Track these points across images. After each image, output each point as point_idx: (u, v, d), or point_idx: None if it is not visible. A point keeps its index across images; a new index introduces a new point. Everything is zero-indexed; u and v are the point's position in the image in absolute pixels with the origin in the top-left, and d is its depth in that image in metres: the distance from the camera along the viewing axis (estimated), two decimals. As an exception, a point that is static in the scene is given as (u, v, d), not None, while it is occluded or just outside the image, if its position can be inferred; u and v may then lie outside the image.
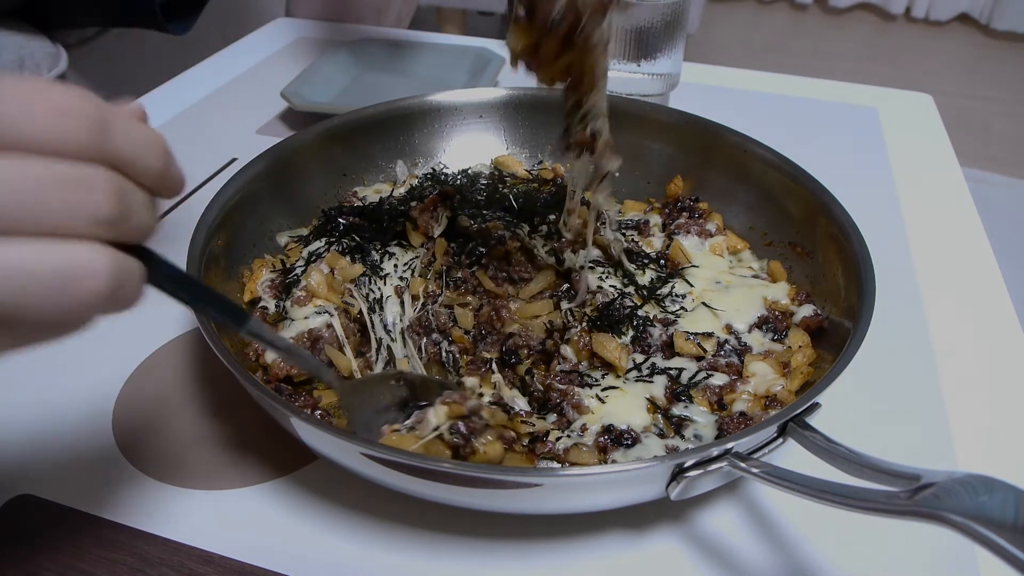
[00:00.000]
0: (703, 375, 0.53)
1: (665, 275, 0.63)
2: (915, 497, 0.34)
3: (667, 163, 0.74)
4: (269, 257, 0.65)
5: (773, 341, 0.57)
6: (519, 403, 0.54)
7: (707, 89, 1.04)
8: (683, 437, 0.50)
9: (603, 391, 0.53)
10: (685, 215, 0.70)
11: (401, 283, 0.62)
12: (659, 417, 0.51)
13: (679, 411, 0.52)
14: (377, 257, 0.64)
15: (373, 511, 0.50)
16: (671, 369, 0.54)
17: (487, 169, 0.77)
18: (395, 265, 0.63)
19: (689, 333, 0.56)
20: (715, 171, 0.71)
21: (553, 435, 0.51)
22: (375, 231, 0.66)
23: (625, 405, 0.52)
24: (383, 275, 0.62)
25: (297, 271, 0.61)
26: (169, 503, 0.50)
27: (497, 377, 0.56)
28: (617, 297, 0.59)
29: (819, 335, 0.57)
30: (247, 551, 0.47)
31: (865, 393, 0.58)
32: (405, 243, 0.65)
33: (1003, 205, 2.25)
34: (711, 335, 0.57)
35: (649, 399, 0.52)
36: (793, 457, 0.46)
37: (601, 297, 0.59)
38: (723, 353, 0.56)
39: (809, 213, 0.63)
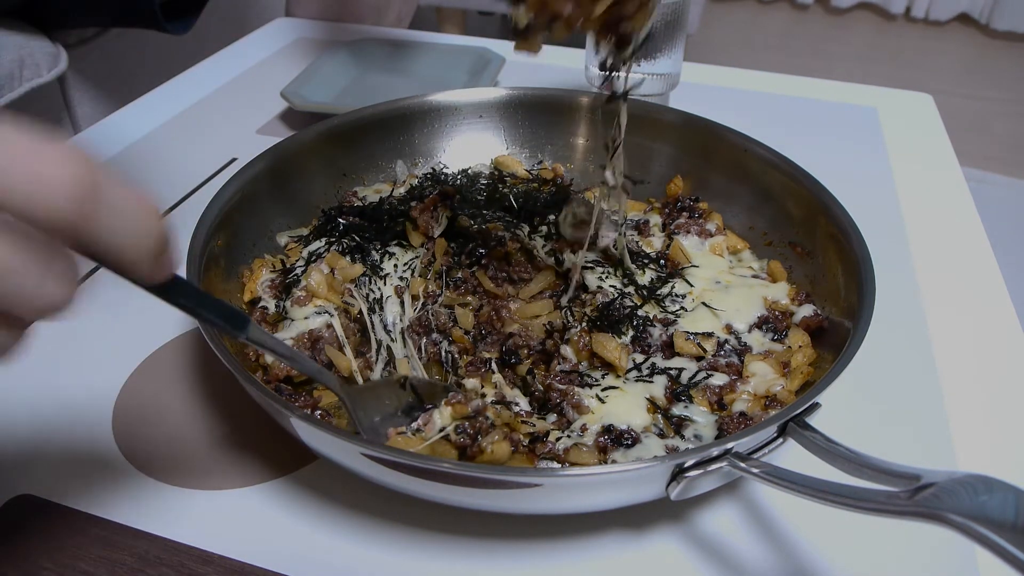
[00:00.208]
0: (703, 375, 0.53)
1: (665, 275, 0.63)
2: (915, 497, 0.34)
3: (667, 163, 0.74)
4: (269, 257, 0.65)
5: (773, 341, 0.57)
6: (520, 403, 0.54)
7: (707, 89, 1.04)
8: (683, 437, 0.50)
9: (603, 391, 0.53)
10: (685, 215, 0.70)
11: (401, 283, 0.62)
12: (659, 417, 0.51)
13: (679, 411, 0.52)
14: (377, 257, 0.64)
15: (373, 511, 0.50)
16: (671, 369, 0.54)
17: (487, 169, 0.77)
18: (395, 265, 0.63)
19: (689, 333, 0.56)
20: (715, 171, 0.71)
21: (553, 435, 0.51)
22: (375, 231, 0.66)
23: (625, 405, 0.52)
24: (383, 275, 0.62)
25: (297, 271, 0.61)
26: (169, 503, 0.50)
27: (498, 377, 0.56)
28: (617, 297, 0.59)
29: (819, 335, 0.57)
30: (247, 551, 0.47)
31: (865, 393, 0.58)
32: (405, 243, 0.65)
33: (1003, 205, 2.25)
34: (711, 335, 0.57)
35: (649, 399, 0.52)
36: (793, 457, 0.46)
37: (601, 297, 0.59)
38: (723, 353, 0.56)
39: (809, 213, 0.63)
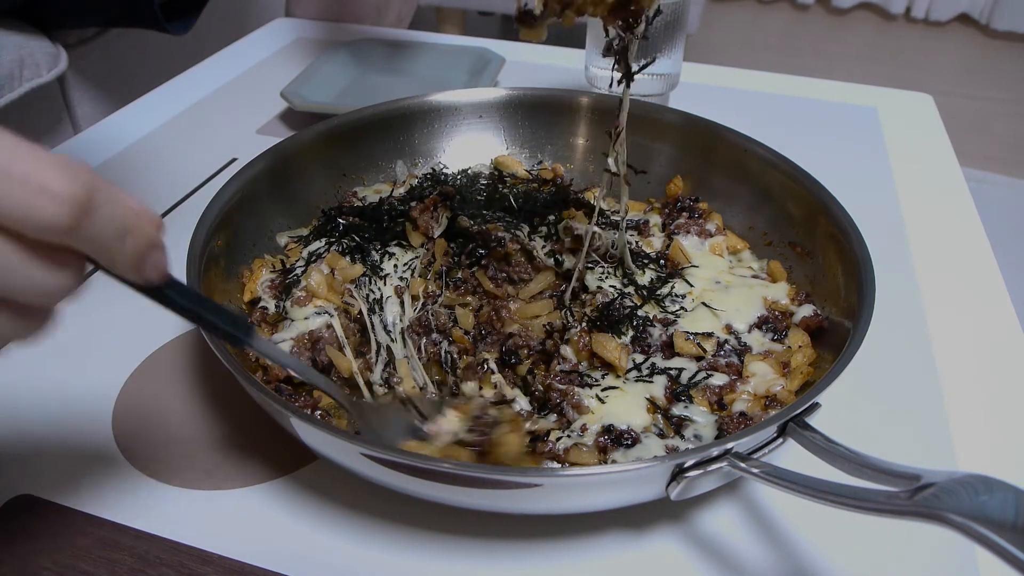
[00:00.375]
0: (703, 375, 0.53)
1: (665, 275, 0.63)
2: (915, 497, 0.34)
3: (667, 163, 0.74)
4: (269, 257, 0.65)
5: (773, 341, 0.57)
6: (520, 402, 0.54)
7: (707, 89, 1.04)
8: (683, 437, 0.50)
9: (603, 391, 0.53)
10: (685, 215, 0.70)
11: (401, 283, 0.62)
12: (659, 417, 0.51)
13: (679, 411, 0.52)
14: (377, 257, 0.64)
15: (373, 511, 0.50)
16: (671, 369, 0.54)
17: (487, 169, 0.77)
18: (395, 265, 0.63)
19: (689, 333, 0.56)
20: (715, 171, 0.71)
21: (553, 435, 0.51)
22: (375, 231, 0.66)
23: (625, 405, 0.52)
24: (383, 275, 0.62)
25: (297, 271, 0.61)
26: (169, 503, 0.50)
27: (497, 377, 0.56)
28: (617, 297, 0.59)
29: (819, 335, 0.57)
30: (247, 551, 0.47)
31: (865, 393, 0.58)
32: (405, 243, 0.65)
33: (1003, 205, 2.25)
34: (711, 335, 0.57)
35: (649, 399, 0.52)
36: (793, 457, 0.46)
37: (601, 297, 0.59)
38: (723, 353, 0.56)
39: (809, 213, 0.63)
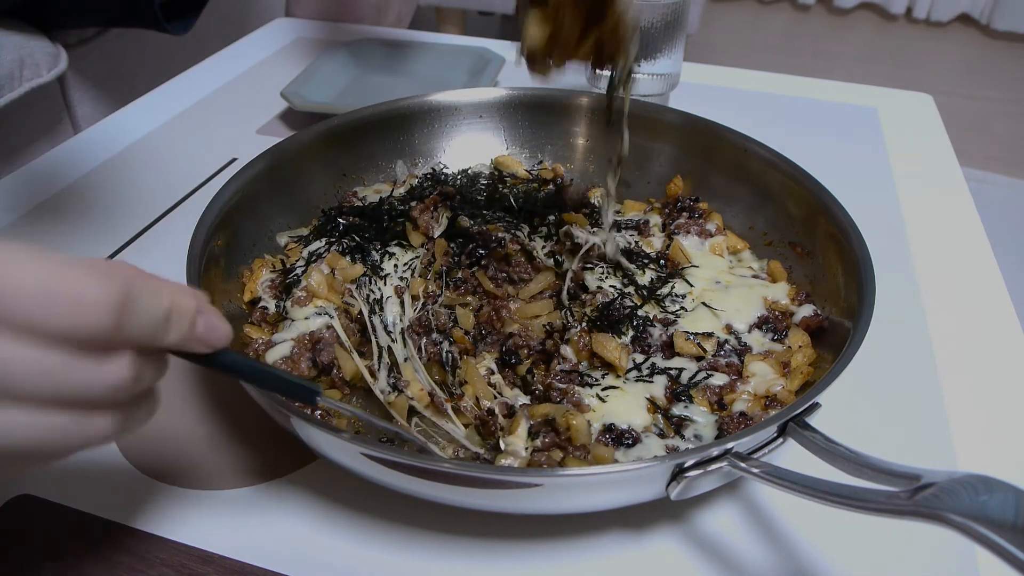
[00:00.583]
0: (703, 375, 0.53)
1: (665, 275, 0.63)
2: (915, 497, 0.34)
3: (667, 163, 0.74)
4: (269, 257, 0.65)
5: (773, 341, 0.57)
6: (521, 401, 0.54)
7: (707, 89, 1.04)
8: (683, 437, 0.50)
9: (603, 391, 0.53)
10: (685, 215, 0.70)
11: (401, 283, 0.62)
12: (659, 417, 0.51)
13: (679, 411, 0.52)
14: (377, 257, 0.64)
15: (373, 511, 0.50)
16: (671, 369, 0.54)
17: (487, 169, 0.77)
18: (395, 265, 0.63)
19: (689, 333, 0.56)
20: (715, 171, 0.71)
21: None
22: (375, 231, 0.66)
23: (625, 405, 0.52)
24: (383, 275, 0.62)
25: (297, 271, 0.61)
26: (169, 503, 0.50)
27: (497, 378, 0.56)
28: (617, 297, 0.59)
29: (819, 335, 0.57)
30: (247, 551, 0.47)
31: (865, 393, 0.58)
32: (405, 243, 0.65)
33: (1003, 205, 2.25)
34: (711, 335, 0.57)
35: (649, 399, 0.52)
36: (793, 457, 0.46)
37: (601, 297, 0.59)
38: (723, 353, 0.56)
39: (809, 213, 0.63)
